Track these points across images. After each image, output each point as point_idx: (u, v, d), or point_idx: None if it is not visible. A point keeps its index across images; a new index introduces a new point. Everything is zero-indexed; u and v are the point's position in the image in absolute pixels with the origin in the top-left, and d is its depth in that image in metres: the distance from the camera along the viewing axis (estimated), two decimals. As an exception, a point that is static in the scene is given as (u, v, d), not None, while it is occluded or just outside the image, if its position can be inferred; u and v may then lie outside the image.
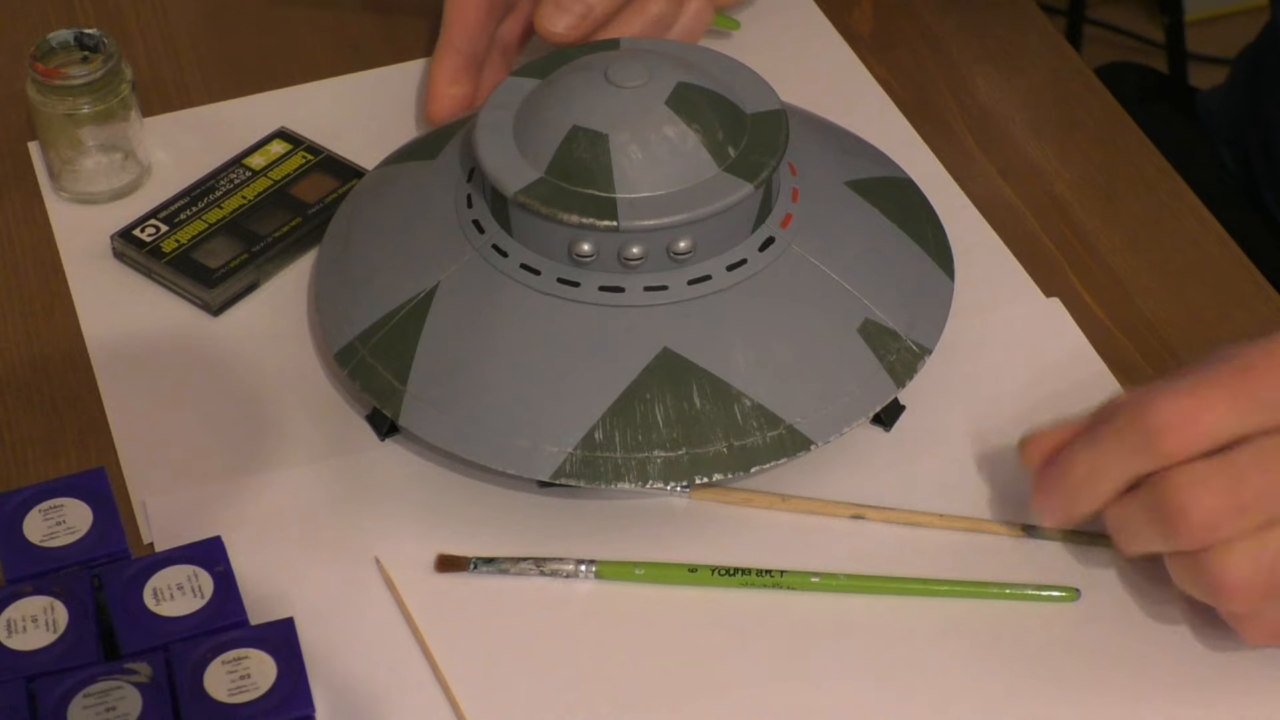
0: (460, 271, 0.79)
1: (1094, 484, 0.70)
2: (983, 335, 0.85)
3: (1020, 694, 0.72)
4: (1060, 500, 0.71)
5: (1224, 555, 0.67)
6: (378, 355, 0.79)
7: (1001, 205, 0.92)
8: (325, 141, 0.94)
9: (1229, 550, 0.67)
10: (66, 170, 0.92)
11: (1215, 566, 0.67)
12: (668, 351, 0.76)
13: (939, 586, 0.75)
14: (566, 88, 0.79)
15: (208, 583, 0.71)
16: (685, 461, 0.75)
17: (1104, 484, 0.70)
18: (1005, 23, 1.03)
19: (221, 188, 0.91)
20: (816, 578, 0.75)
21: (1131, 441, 0.68)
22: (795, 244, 0.79)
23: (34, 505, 0.73)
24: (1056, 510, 0.72)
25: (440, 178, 0.83)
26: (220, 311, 0.87)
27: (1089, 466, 0.70)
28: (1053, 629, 0.74)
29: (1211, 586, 0.68)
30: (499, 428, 0.76)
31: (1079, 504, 0.71)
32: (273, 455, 0.81)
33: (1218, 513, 0.66)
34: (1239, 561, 0.67)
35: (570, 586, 0.76)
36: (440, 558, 0.76)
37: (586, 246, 0.76)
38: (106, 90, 0.90)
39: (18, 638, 0.69)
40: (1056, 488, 0.71)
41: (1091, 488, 0.70)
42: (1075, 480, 0.70)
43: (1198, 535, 0.67)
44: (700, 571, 0.76)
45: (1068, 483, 0.71)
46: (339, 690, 0.73)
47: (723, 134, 0.78)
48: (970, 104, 0.98)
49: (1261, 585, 0.67)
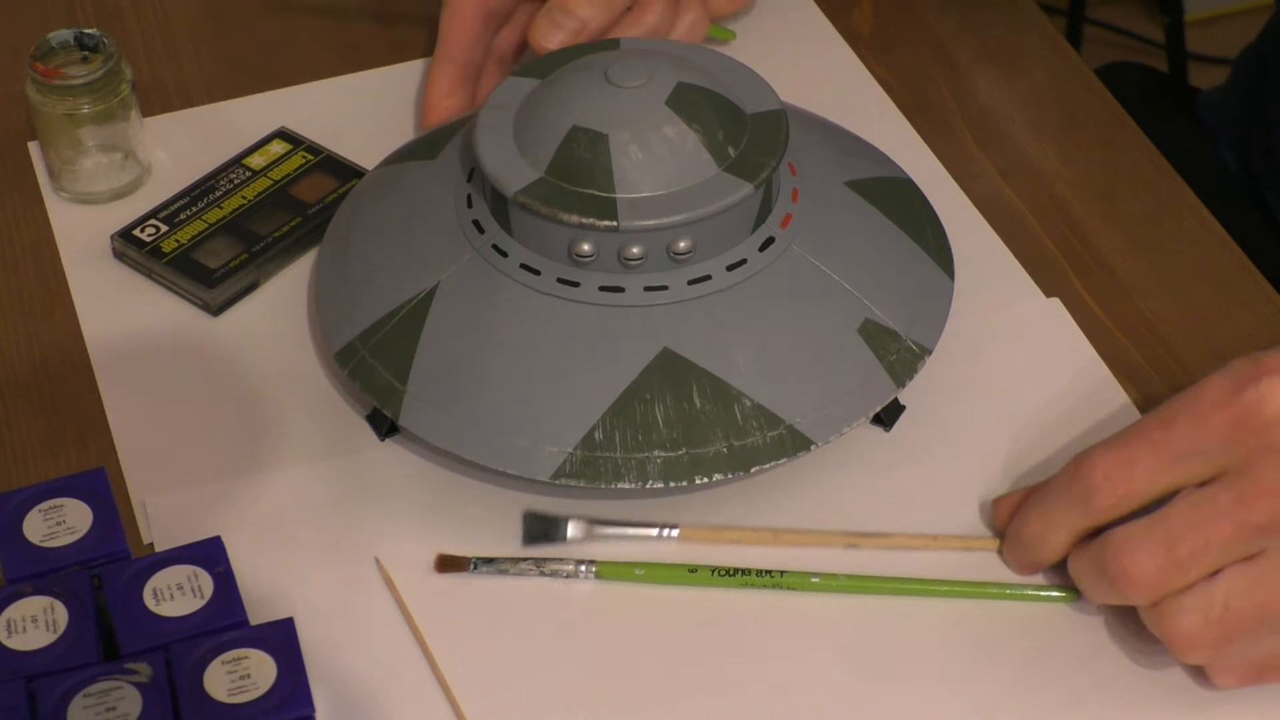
0: (460, 271, 0.79)
1: (1047, 539, 0.73)
2: (983, 335, 0.85)
3: (1020, 694, 0.72)
4: (1022, 554, 0.75)
5: (1173, 609, 0.69)
6: (378, 355, 0.79)
7: (1001, 205, 0.92)
8: (325, 141, 0.94)
9: (1177, 606, 0.69)
10: (66, 170, 0.92)
11: (1166, 623, 0.69)
12: (668, 351, 0.76)
13: (939, 587, 0.75)
14: (566, 88, 0.79)
15: (208, 583, 0.71)
16: (685, 461, 0.75)
17: (1056, 538, 0.73)
18: (1005, 23, 1.03)
19: (221, 188, 0.91)
20: (816, 578, 0.75)
21: (1071, 500, 0.71)
22: (795, 244, 0.79)
23: (34, 505, 0.73)
24: (1023, 563, 0.75)
25: (440, 178, 0.83)
26: (220, 311, 0.87)
27: (1041, 523, 0.73)
28: (1052, 629, 0.74)
29: (1168, 641, 0.70)
30: (499, 428, 0.76)
31: (1038, 557, 0.74)
32: (273, 455, 0.81)
33: (1157, 572, 0.69)
34: (1187, 617, 0.69)
35: (570, 586, 0.76)
36: (440, 558, 0.76)
37: (586, 246, 0.76)
38: (106, 90, 0.90)
39: (18, 638, 0.69)
40: (1017, 543, 0.75)
41: (1045, 543, 0.73)
42: (1031, 536, 0.74)
43: (1145, 594, 0.69)
44: (700, 572, 0.76)
45: (1025, 538, 0.74)
46: (339, 690, 0.73)
47: (723, 134, 0.78)
48: (970, 104, 0.98)
49: (1213, 636, 0.69)
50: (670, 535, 0.77)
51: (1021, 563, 0.75)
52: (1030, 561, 0.75)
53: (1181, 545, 0.68)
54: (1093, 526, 0.71)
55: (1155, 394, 0.83)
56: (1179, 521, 0.68)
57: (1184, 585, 0.68)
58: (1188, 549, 0.68)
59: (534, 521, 0.77)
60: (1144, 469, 0.69)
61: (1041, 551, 0.74)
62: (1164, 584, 0.69)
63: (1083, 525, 0.71)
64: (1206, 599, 0.68)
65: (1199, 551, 0.68)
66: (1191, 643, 0.69)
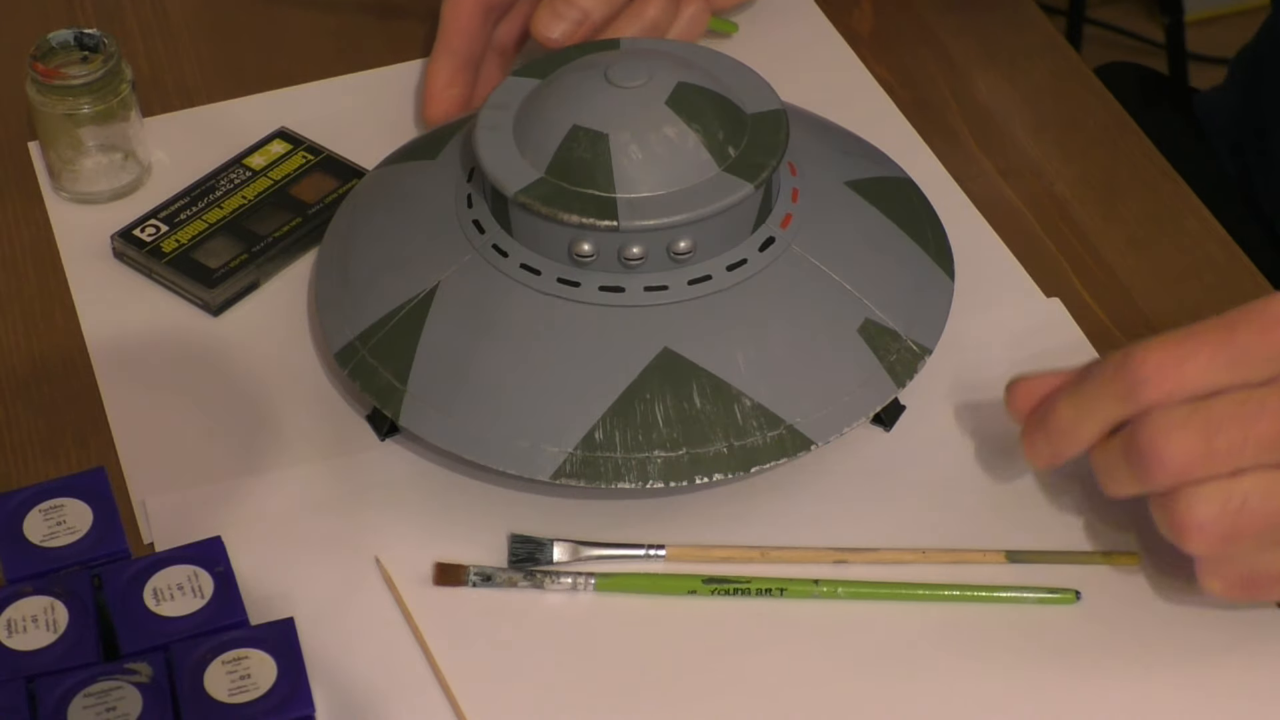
0: (460, 271, 0.79)
1: (1077, 429, 0.71)
2: (983, 335, 0.85)
3: (1022, 696, 0.72)
4: (1046, 443, 0.73)
5: (1190, 495, 0.68)
6: (378, 355, 0.79)
7: (1001, 205, 0.92)
8: (325, 141, 0.94)
9: (1197, 491, 0.68)
10: (66, 170, 0.92)
11: (1180, 506, 0.69)
12: (668, 351, 0.76)
13: (940, 590, 0.75)
14: (566, 88, 0.79)
15: (208, 583, 0.71)
16: (685, 461, 0.75)
17: (1088, 428, 0.71)
18: (1005, 23, 1.03)
19: (221, 188, 0.91)
20: (820, 584, 0.75)
21: (1115, 389, 0.70)
22: (795, 244, 0.79)
23: (34, 505, 0.73)
24: (1043, 453, 0.73)
25: (440, 178, 0.83)
26: (220, 311, 0.87)
27: (1074, 412, 0.71)
28: (1053, 631, 0.74)
29: (1175, 526, 0.69)
30: (499, 428, 0.76)
31: (1064, 447, 0.72)
32: (273, 455, 0.81)
33: (1190, 456, 0.68)
34: (1204, 503, 0.68)
35: (570, 598, 0.76)
36: (438, 569, 0.76)
37: (587, 246, 0.76)
38: (106, 90, 0.90)
39: (18, 638, 0.69)
40: (1043, 432, 0.73)
41: (1076, 432, 0.72)
42: (1061, 425, 0.72)
43: (1169, 476, 0.68)
44: (700, 590, 0.75)
45: (1054, 427, 0.72)
46: (339, 690, 0.73)
47: (723, 134, 0.78)
48: (970, 104, 0.98)
49: (1223, 529, 0.68)
50: (657, 555, 0.77)
51: (1042, 454, 0.73)
52: (1052, 452, 0.73)
53: (1221, 435, 0.67)
54: (1129, 419, 0.70)
55: (1155, 394, 0.83)
56: (1223, 412, 0.67)
57: (1208, 477, 0.68)
58: (1226, 441, 0.67)
59: (520, 544, 0.77)
60: (1198, 367, 0.68)
61: (1067, 441, 0.72)
62: (1191, 470, 0.68)
63: (1119, 416, 0.70)
64: (1227, 490, 0.68)
65: (1236, 446, 0.67)
66: (1201, 530, 0.68)
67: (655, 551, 0.77)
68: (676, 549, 0.77)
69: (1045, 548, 0.77)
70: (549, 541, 0.77)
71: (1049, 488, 0.79)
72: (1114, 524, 0.78)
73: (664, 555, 0.77)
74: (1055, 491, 0.79)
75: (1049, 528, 0.78)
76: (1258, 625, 0.74)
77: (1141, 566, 0.76)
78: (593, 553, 0.77)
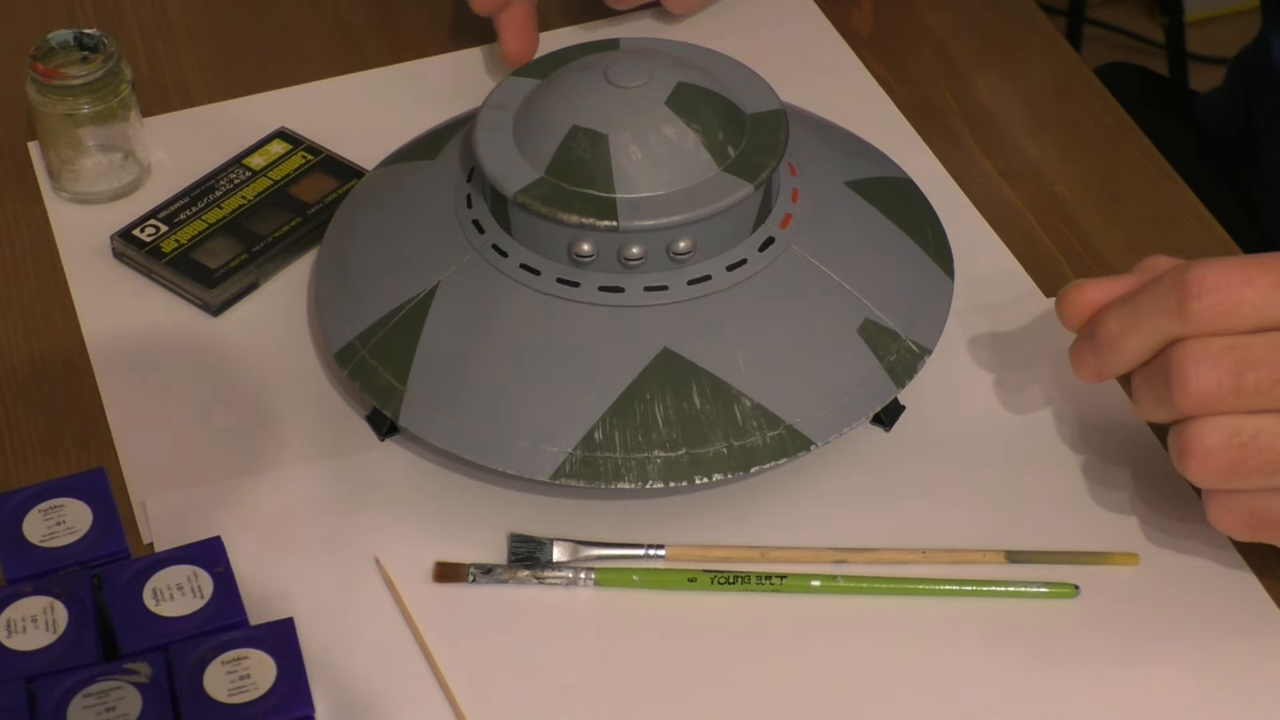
0: (460, 271, 0.79)
1: (1124, 342, 0.70)
2: (983, 335, 0.85)
3: (1021, 695, 0.72)
4: (1093, 356, 0.72)
5: (1201, 424, 0.68)
6: (378, 355, 0.79)
7: (1001, 205, 0.92)
8: (325, 141, 0.94)
9: (1210, 420, 0.68)
10: (66, 170, 0.92)
11: (1189, 433, 0.68)
12: (668, 351, 0.76)
13: (939, 585, 0.75)
14: (566, 88, 0.79)
15: (208, 583, 0.71)
16: (685, 461, 0.75)
17: (1135, 343, 0.70)
18: (1005, 23, 1.03)
19: (221, 188, 0.91)
20: (817, 581, 0.75)
21: (1167, 302, 0.69)
22: (795, 244, 0.79)
23: (34, 505, 0.73)
24: (1088, 364, 0.72)
25: (440, 178, 0.83)
26: (220, 311, 0.87)
27: (1122, 324, 0.70)
28: (1053, 631, 0.74)
29: (1181, 450, 0.69)
30: (499, 428, 0.76)
31: (1110, 361, 0.71)
32: (273, 455, 0.81)
33: (1216, 390, 0.67)
34: (1213, 432, 0.68)
35: (570, 593, 0.76)
36: (438, 567, 0.76)
37: (586, 246, 0.76)
38: (106, 90, 0.90)
39: (18, 638, 0.69)
40: (1091, 343, 0.72)
41: (1122, 344, 0.71)
42: (1108, 337, 0.71)
43: (1192, 404, 0.68)
44: (700, 579, 0.76)
45: (1101, 339, 0.71)
46: (339, 690, 0.73)
47: (723, 134, 0.78)
48: (970, 104, 0.98)
49: (1227, 461, 0.68)
50: (657, 554, 0.77)
51: (1087, 366, 0.72)
52: (1098, 366, 0.72)
53: (1251, 373, 0.67)
54: (1179, 337, 0.69)
55: (1155, 394, 0.83)
56: (1259, 351, 0.67)
57: (1228, 411, 0.68)
58: (1254, 379, 0.67)
59: (520, 543, 0.77)
60: (1257, 294, 0.67)
61: (1113, 355, 0.71)
62: (1216, 403, 0.67)
63: (1168, 333, 0.69)
64: (1238, 423, 0.67)
65: (1265, 386, 0.67)
66: (1205, 459, 0.68)
67: (655, 551, 0.77)
68: (676, 549, 0.77)
69: (1045, 548, 0.77)
70: (549, 541, 0.77)
71: (1049, 488, 0.79)
72: (1114, 524, 0.78)
73: (664, 555, 0.77)
74: (1055, 491, 0.79)
75: (1049, 528, 0.78)
76: (1258, 625, 0.74)
77: (1141, 566, 0.76)
78: (592, 552, 0.77)
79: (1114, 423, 0.81)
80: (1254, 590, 0.75)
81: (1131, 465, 0.80)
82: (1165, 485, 0.79)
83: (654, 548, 0.77)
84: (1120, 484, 0.79)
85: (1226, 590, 0.75)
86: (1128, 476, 0.79)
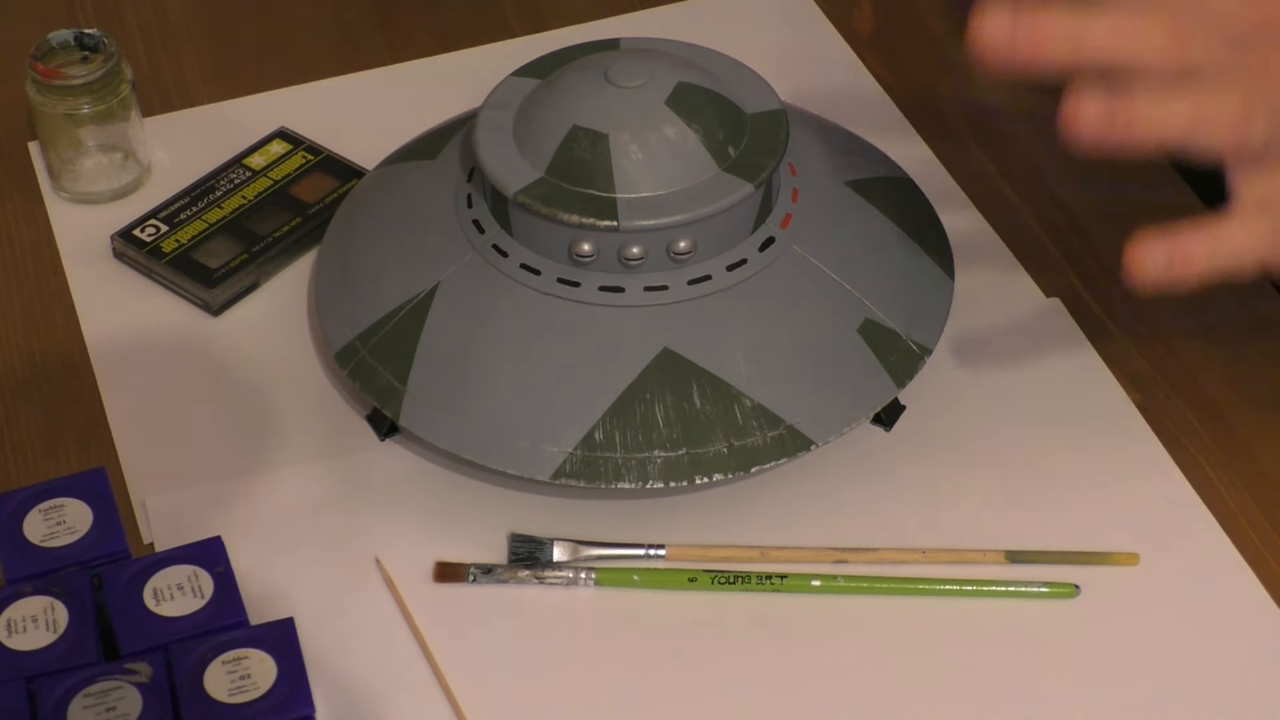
0: (460, 271, 0.79)
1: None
2: (983, 335, 0.85)
3: (1021, 695, 0.72)
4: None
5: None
6: (378, 355, 0.79)
7: (1001, 205, 0.92)
8: (325, 141, 0.94)
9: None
10: (66, 170, 0.92)
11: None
12: (668, 351, 0.76)
13: (939, 585, 0.75)
14: (566, 88, 0.79)
15: (208, 583, 0.71)
16: (685, 461, 0.75)
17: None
18: (1005, 23, 1.03)
19: (221, 188, 0.91)
20: (818, 581, 0.75)
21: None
22: (795, 244, 0.79)
23: (34, 505, 0.73)
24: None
25: (440, 178, 0.83)
26: (220, 311, 0.87)
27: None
28: (1053, 631, 0.74)
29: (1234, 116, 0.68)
30: (499, 428, 0.76)
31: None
32: (273, 455, 0.81)
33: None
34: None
35: (570, 593, 0.76)
36: (439, 567, 0.76)
37: (586, 246, 0.76)
38: (106, 90, 0.90)
39: (18, 638, 0.69)
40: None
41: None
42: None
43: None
44: (700, 579, 0.76)
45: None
46: (339, 690, 0.73)
47: (723, 134, 0.78)
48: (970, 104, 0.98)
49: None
50: (657, 554, 0.77)
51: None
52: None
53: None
54: None
55: (1156, 394, 0.83)
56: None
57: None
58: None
59: (520, 543, 0.77)
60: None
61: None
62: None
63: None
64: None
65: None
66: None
67: (655, 551, 0.77)
68: (676, 549, 0.77)
69: (1045, 548, 0.77)
70: (549, 541, 0.77)
71: (1049, 488, 0.79)
72: (1114, 524, 0.78)
73: (664, 555, 0.77)
74: (1055, 491, 0.79)
75: (1049, 528, 0.78)
76: (1258, 625, 0.74)
77: (1141, 566, 0.76)
78: (592, 552, 0.77)
79: (1114, 423, 0.81)
80: (1254, 590, 0.75)
81: (1131, 465, 0.80)
82: (1165, 485, 0.79)
83: (654, 548, 0.77)
84: (1120, 484, 0.79)
85: (1226, 590, 0.76)
86: (1128, 476, 0.79)
